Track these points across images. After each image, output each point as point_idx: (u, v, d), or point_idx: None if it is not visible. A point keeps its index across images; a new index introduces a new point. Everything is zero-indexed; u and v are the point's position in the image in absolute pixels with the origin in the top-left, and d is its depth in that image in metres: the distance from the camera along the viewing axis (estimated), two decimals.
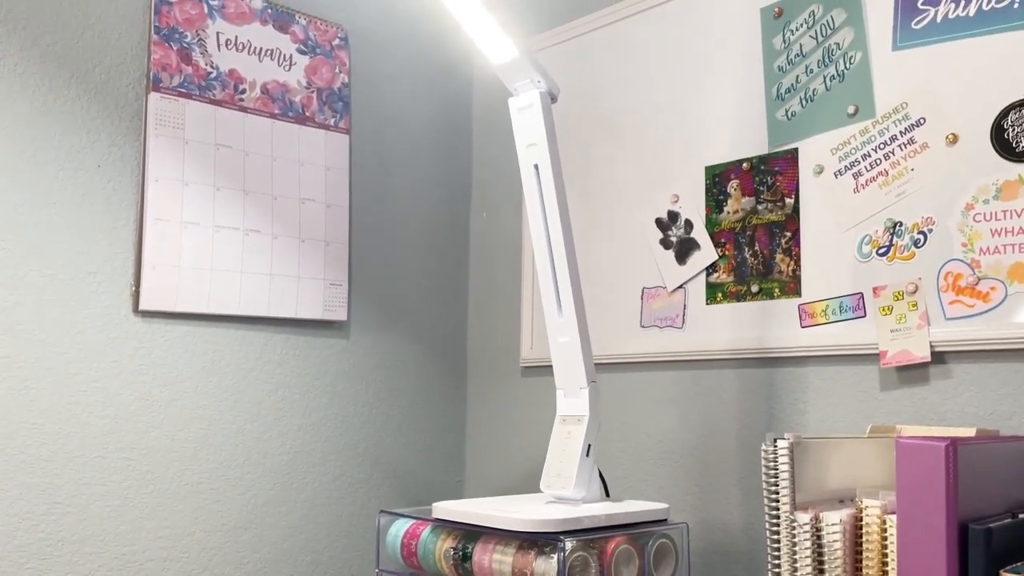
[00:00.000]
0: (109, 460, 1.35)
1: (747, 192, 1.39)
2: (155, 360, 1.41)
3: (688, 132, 1.48)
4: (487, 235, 1.84)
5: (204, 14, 1.49)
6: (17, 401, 1.28)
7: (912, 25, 1.22)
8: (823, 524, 0.96)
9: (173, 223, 1.42)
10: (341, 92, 1.65)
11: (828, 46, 1.31)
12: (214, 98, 1.48)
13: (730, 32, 1.43)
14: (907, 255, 1.21)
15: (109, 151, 1.38)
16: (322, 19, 1.63)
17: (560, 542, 1.04)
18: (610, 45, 1.62)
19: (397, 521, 1.25)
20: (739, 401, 1.39)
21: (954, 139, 1.17)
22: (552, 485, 1.18)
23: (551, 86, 1.25)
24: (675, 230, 1.49)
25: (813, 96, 1.32)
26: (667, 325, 1.48)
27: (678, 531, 1.17)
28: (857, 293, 1.25)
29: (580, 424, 1.19)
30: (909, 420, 1.19)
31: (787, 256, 1.34)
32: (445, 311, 1.82)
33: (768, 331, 1.35)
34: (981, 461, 0.90)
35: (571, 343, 1.21)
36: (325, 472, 1.60)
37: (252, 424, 1.51)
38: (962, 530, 0.84)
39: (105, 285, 1.37)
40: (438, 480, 1.78)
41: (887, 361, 1.20)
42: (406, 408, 1.73)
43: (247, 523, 1.49)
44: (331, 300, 1.61)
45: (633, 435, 1.53)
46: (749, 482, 1.36)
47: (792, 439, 0.98)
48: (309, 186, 1.59)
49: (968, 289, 1.15)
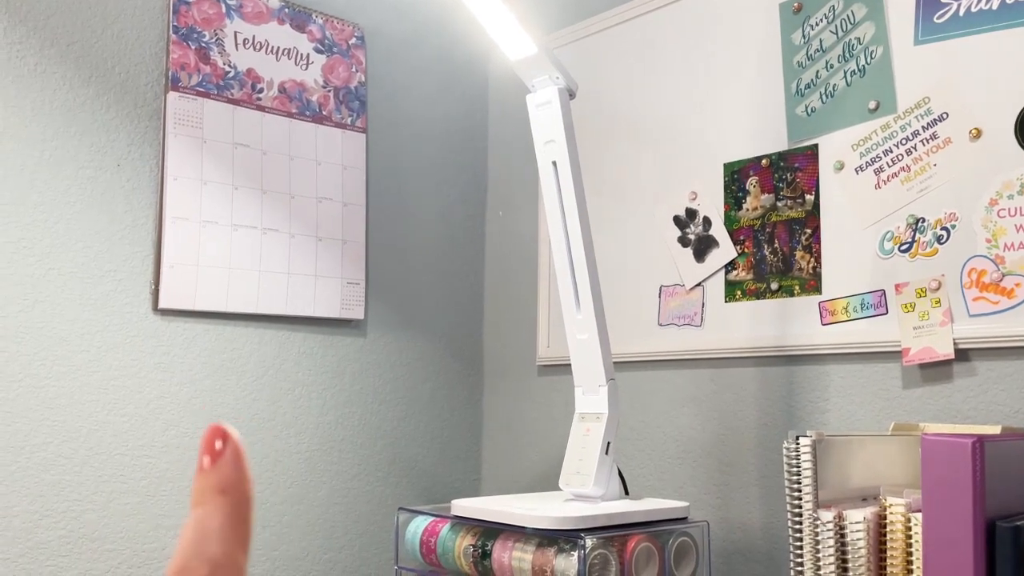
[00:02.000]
0: (128, 458, 1.36)
1: (766, 189, 1.38)
2: (174, 358, 1.41)
3: (706, 129, 1.47)
4: (503, 233, 1.84)
5: (222, 14, 1.49)
6: (37, 399, 1.28)
7: (934, 19, 1.21)
8: (846, 522, 0.95)
9: (192, 222, 1.43)
10: (358, 91, 1.65)
11: (848, 41, 1.30)
12: (232, 97, 1.49)
13: (748, 27, 1.42)
14: (930, 251, 1.20)
15: (128, 150, 1.39)
16: (339, 18, 1.64)
17: (580, 540, 1.03)
18: (627, 42, 1.61)
19: (416, 518, 1.25)
20: (759, 399, 1.38)
21: (977, 134, 1.16)
22: (571, 483, 1.17)
23: (569, 82, 1.25)
24: (693, 228, 1.48)
25: (833, 91, 1.31)
26: (685, 323, 1.47)
27: (698, 529, 1.17)
28: (879, 290, 1.24)
29: (599, 421, 1.18)
30: (932, 418, 1.18)
31: (807, 253, 1.33)
32: (462, 309, 1.82)
33: (788, 329, 1.34)
34: (1008, 458, 0.89)
35: (590, 340, 1.21)
36: (343, 470, 1.60)
37: (270, 422, 1.52)
38: (989, 528, 0.83)
39: (124, 284, 1.37)
40: (455, 478, 1.78)
41: (910, 359, 1.19)
42: (423, 406, 1.73)
43: (265, 521, 1.50)
44: (348, 298, 1.61)
45: (651, 433, 1.52)
46: (769, 481, 1.35)
47: (815, 436, 0.97)
48: (326, 185, 1.59)
49: (992, 285, 1.13)
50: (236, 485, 0.29)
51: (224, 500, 0.29)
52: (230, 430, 0.30)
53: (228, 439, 0.30)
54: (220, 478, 0.29)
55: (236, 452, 0.30)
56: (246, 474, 0.30)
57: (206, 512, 0.29)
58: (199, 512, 0.29)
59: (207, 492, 0.29)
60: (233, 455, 0.29)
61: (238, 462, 0.29)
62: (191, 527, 0.28)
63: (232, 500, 0.29)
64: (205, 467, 0.29)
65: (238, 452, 0.30)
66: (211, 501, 0.29)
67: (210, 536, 0.28)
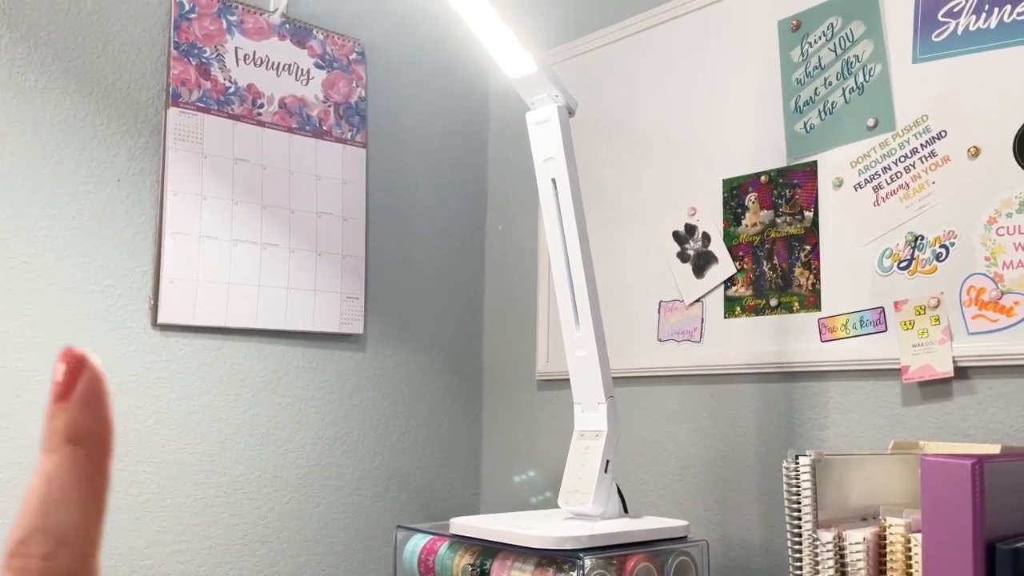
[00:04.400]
0: (127, 474, 1.36)
1: (765, 205, 1.39)
2: (173, 373, 1.41)
3: (705, 145, 1.48)
4: (503, 249, 1.84)
5: (223, 30, 1.49)
6: (36, 415, 1.28)
7: (932, 37, 1.21)
8: (846, 542, 0.95)
9: (191, 237, 1.43)
10: (358, 106, 1.66)
11: (847, 58, 1.30)
12: (232, 113, 1.49)
13: (747, 45, 1.43)
14: (929, 269, 1.20)
15: (128, 165, 1.39)
16: (339, 34, 1.64)
17: (579, 559, 1.03)
18: (626, 58, 1.62)
19: (414, 536, 1.25)
20: (758, 416, 1.38)
21: (976, 152, 1.16)
22: (570, 501, 1.17)
23: (569, 100, 1.25)
24: (692, 243, 1.48)
25: (832, 109, 1.31)
26: (685, 339, 1.47)
27: (698, 548, 1.16)
28: (878, 307, 1.24)
29: (598, 439, 1.18)
30: (932, 436, 1.17)
31: (806, 270, 1.33)
32: (461, 324, 1.82)
33: (787, 345, 1.34)
34: (1008, 479, 0.88)
35: (589, 357, 1.20)
36: (341, 486, 1.60)
37: (269, 438, 1.51)
38: (989, 549, 0.82)
39: (124, 299, 1.37)
40: (454, 494, 1.77)
41: (909, 376, 1.19)
42: (422, 421, 1.73)
43: (264, 537, 1.49)
44: (348, 313, 1.61)
45: (650, 450, 1.52)
46: (769, 499, 1.35)
47: (814, 456, 0.97)
48: (326, 200, 1.59)
49: (991, 303, 1.13)
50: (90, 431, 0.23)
51: (74, 451, 0.23)
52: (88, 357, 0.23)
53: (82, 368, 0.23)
54: (70, 420, 0.23)
55: (93, 387, 0.23)
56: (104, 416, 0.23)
57: (53, 466, 0.23)
58: (45, 465, 0.23)
59: (53, 438, 0.23)
60: (89, 390, 0.23)
61: (94, 401, 0.23)
62: (35, 487, 0.23)
63: (84, 451, 0.23)
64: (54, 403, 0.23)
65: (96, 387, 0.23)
66: (59, 449, 0.23)
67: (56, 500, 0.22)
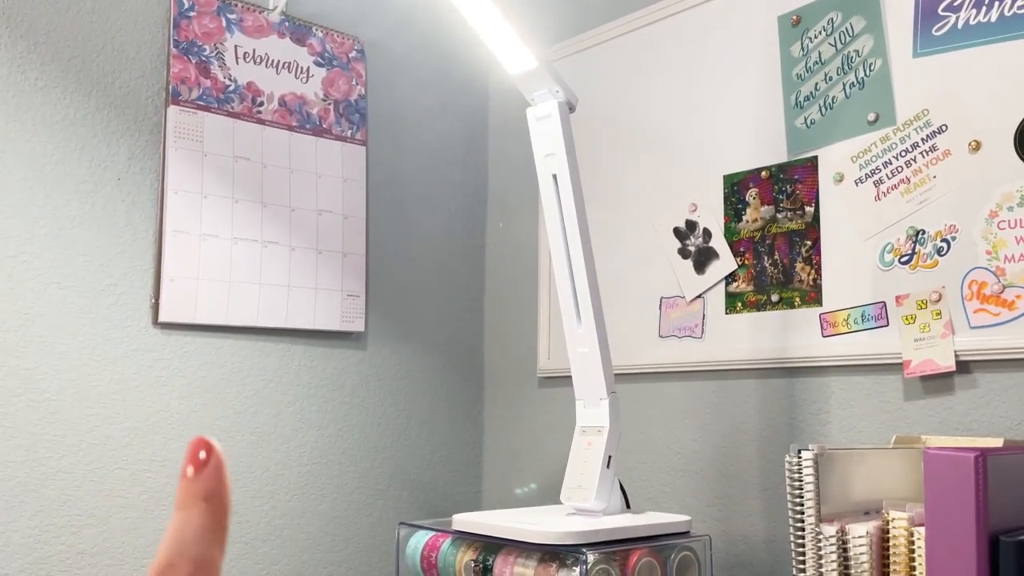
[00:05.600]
0: (129, 472, 1.36)
1: (766, 201, 1.39)
2: (174, 372, 1.41)
3: (706, 141, 1.47)
4: (504, 246, 1.84)
5: (222, 28, 1.49)
6: (37, 413, 1.28)
7: (933, 32, 1.21)
8: (849, 536, 0.95)
9: (192, 235, 1.43)
10: (358, 104, 1.65)
11: (847, 53, 1.30)
12: (232, 111, 1.49)
13: (747, 40, 1.43)
14: (930, 263, 1.20)
15: (128, 164, 1.39)
16: (339, 31, 1.64)
17: (582, 555, 1.03)
18: (626, 55, 1.62)
19: (417, 533, 1.25)
20: (760, 411, 1.38)
21: (977, 146, 1.16)
22: (573, 497, 1.17)
23: (569, 96, 1.25)
24: (693, 239, 1.48)
25: (832, 104, 1.31)
26: (686, 335, 1.47)
27: (701, 543, 1.16)
28: (879, 302, 1.24)
29: (600, 435, 1.18)
30: (934, 430, 1.17)
31: (807, 265, 1.33)
32: (462, 322, 1.82)
33: (789, 341, 1.34)
34: (1011, 472, 0.88)
35: (591, 354, 1.20)
36: (343, 484, 1.60)
37: (270, 435, 1.51)
38: (992, 542, 0.82)
39: (125, 297, 1.37)
40: (456, 491, 1.77)
41: (911, 371, 1.19)
42: (423, 419, 1.73)
43: (266, 535, 1.49)
44: (348, 311, 1.61)
45: (652, 446, 1.52)
46: (771, 493, 1.35)
47: (817, 450, 0.97)
48: (326, 198, 1.59)
49: (993, 297, 1.13)
50: (217, 493, 0.32)
51: (206, 506, 0.32)
52: (213, 443, 0.33)
53: (212, 451, 0.32)
54: (203, 486, 0.32)
55: (218, 464, 0.32)
56: (226, 484, 0.33)
57: (189, 516, 0.32)
58: (182, 515, 0.32)
59: (190, 498, 0.32)
60: (215, 467, 0.32)
61: (220, 473, 0.32)
62: (174, 528, 0.32)
63: (212, 506, 0.32)
64: (189, 476, 0.32)
65: (220, 464, 0.33)
66: (194, 506, 0.32)
67: (192, 537, 0.31)
